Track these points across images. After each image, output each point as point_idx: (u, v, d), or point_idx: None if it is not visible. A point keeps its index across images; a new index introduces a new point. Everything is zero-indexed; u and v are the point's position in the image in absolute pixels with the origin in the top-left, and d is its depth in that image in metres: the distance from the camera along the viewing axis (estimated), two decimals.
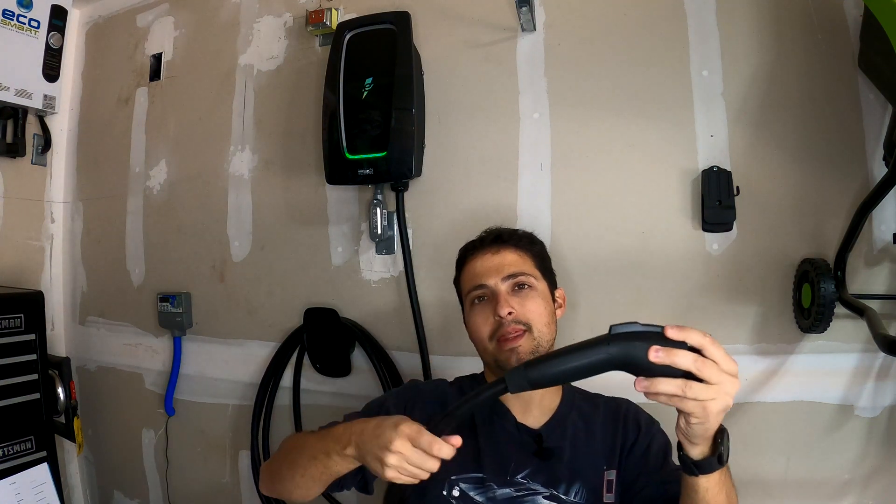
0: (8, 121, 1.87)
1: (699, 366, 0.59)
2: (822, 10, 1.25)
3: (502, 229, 1.06)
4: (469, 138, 1.48)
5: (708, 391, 0.59)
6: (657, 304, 1.32)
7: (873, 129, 1.21)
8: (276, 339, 1.70)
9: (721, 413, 0.61)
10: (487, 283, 0.97)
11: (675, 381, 0.59)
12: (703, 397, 0.59)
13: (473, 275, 1.00)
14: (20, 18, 1.77)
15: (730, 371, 0.60)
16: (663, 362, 0.59)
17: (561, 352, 0.66)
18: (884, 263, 1.21)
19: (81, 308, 2.08)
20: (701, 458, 0.67)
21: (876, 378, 1.21)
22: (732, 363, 0.60)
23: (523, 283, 0.97)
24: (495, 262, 0.99)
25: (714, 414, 0.61)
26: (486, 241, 1.04)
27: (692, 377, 0.59)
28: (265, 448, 1.69)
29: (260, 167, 1.74)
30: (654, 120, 1.34)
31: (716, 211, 1.27)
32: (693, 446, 0.66)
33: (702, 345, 0.60)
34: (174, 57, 1.92)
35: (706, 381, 0.59)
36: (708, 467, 0.67)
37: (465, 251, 1.07)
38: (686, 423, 0.64)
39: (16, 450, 1.43)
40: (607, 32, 1.39)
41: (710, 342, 0.60)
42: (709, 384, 0.59)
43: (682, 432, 0.66)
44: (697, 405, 0.60)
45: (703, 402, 0.59)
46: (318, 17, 1.59)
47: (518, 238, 1.04)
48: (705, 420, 0.61)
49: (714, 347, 0.60)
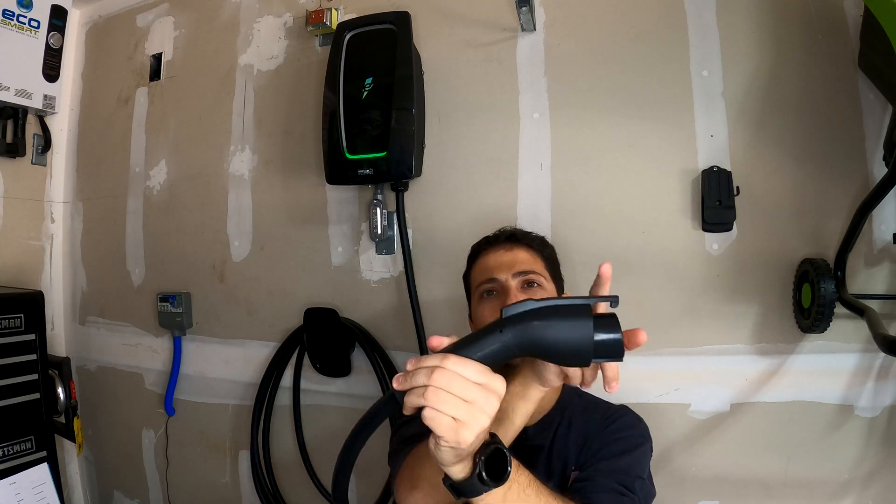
0: (8, 121, 1.87)
1: (435, 378, 0.54)
2: (822, 10, 1.25)
3: (517, 229, 1.09)
4: (469, 138, 1.48)
5: (456, 407, 0.54)
6: (657, 305, 1.32)
7: (873, 129, 1.21)
8: (276, 339, 1.70)
9: (466, 432, 0.55)
10: (498, 278, 0.98)
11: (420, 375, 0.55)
12: (447, 411, 0.54)
13: (485, 269, 1.02)
14: (20, 18, 1.77)
15: (478, 382, 0.55)
16: (403, 388, 0.56)
17: (464, 342, 0.59)
18: (884, 263, 1.21)
19: (81, 308, 2.08)
20: (462, 477, 0.60)
21: (876, 378, 1.21)
22: (481, 376, 0.55)
23: (533, 282, 0.98)
24: (507, 259, 1.00)
25: (458, 433, 0.55)
26: (500, 238, 1.06)
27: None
28: (265, 448, 1.69)
29: (260, 167, 1.74)
30: (654, 120, 1.34)
31: (716, 211, 1.27)
32: (448, 467, 0.60)
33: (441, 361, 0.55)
34: (174, 57, 1.92)
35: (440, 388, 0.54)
36: (471, 490, 0.60)
37: (478, 246, 1.09)
38: (435, 444, 0.57)
39: (16, 450, 1.42)
40: (607, 32, 1.39)
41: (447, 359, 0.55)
42: (458, 398, 0.54)
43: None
44: (442, 420, 0.54)
45: (443, 413, 0.54)
46: (318, 17, 1.59)
47: (531, 239, 1.06)
48: (446, 434, 0.55)
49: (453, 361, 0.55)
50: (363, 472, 1.55)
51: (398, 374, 0.58)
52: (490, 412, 0.56)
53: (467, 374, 0.55)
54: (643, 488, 0.86)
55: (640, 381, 1.31)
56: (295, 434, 1.66)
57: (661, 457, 1.30)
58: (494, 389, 0.56)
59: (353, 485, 1.61)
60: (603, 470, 0.85)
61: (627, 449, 0.89)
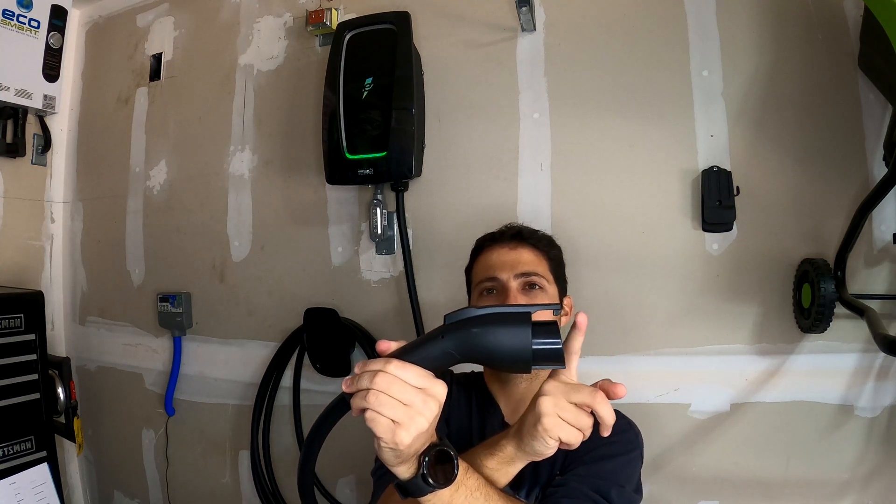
0: (8, 121, 1.87)
1: (377, 381, 0.56)
2: (822, 10, 1.25)
3: (523, 227, 1.06)
4: (469, 138, 1.48)
5: (394, 408, 0.55)
6: (657, 305, 1.32)
7: (873, 129, 1.21)
8: (276, 339, 1.69)
9: (403, 433, 0.56)
10: (499, 277, 0.97)
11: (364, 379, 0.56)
12: (386, 413, 0.55)
13: (487, 266, 1.01)
14: (20, 18, 1.77)
15: (418, 386, 0.56)
16: (350, 391, 0.58)
17: (408, 347, 0.60)
18: (884, 263, 1.21)
19: (81, 308, 2.08)
20: (407, 477, 0.61)
21: (876, 378, 1.21)
22: (421, 380, 0.57)
23: (534, 284, 0.97)
24: (511, 258, 0.99)
25: (394, 433, 0.56)
26: (505, 235, 1.04)
27: None
28: (265, 448, 1.69)
29: (260, 167, 1.74)
30: (654, 120, 1.34)
31: (716, 211, 1.27)
32: (393, 467, 0.61)
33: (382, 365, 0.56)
34: (174, 57, 1.92)
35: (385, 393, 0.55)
36: (416, 489, 0.62)
37: (482, 241, 1.07)
38: (377, 445, 0.58)
39: (16, 450, 1.42)
40: (607, 32, 1.39)
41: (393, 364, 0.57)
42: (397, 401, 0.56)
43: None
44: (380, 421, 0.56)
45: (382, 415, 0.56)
46: (318, 17, 1.59)
47: (538, 239, 1.03)
48: (384, 435, 0.56)
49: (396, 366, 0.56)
50: (365, 479, 1.55)
51: (346, 378, 0.59)
52: (428, 415, 0.57)
53: (407, 377, 0.56)
54: (622, 497, 0.81)
55: (640, 381, 1.31)
56: (295, 434, 1.66)
57: (661, 457, 1.30)
58: (434, 394, 0.57)
59: (354, 486, 1.61)
60: (579, 474, 0.83)
61: (611, 454, 0.85)
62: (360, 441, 0.64)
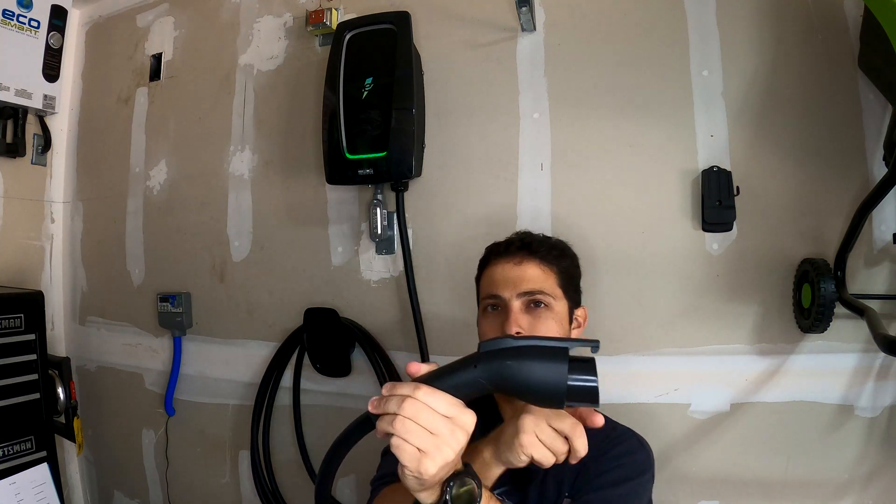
0: (8, 121, 1.87)
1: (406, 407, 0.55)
2: (822, 10, 1.25)
3: (533, 236, 1.01)
4: (469, 138, 1.48)
5: (420, 436, 0.55)
6: (657, 305, 1.32)
7: (873, 129, 1.21)
8: (276, 339, 1.69)
9: (429, 462, 0.55)
10: (502, 295, 0.94)
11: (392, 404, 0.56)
12: (413, 441, 0.55)
13: (491, 282, 0.97)
14: (20, 18, 1.77)
15: (446, 415, 0.56)
16: (376, 412, 0.57)
17: (439, 373, 0.60)
18: (884, 263, 1.21)
19: (81, 308, 2.08)
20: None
21: (876, 378, 1.21)
22: (450, 409, 0.56)
23: (539, 302, 0.93)
24: (515, 275, 0.95)
25: (422, 463, 0.55)
26: (511, 248, 0.99)
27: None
28: (265, 448, 1.69)
29: (260, 167, 1.74)
30: (654, 120, 1.34)
31: (716, 211, 1.27)
32: (416, 493, 0.60)
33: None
34: (174, 57, 1.92)
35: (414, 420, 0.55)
36: None
37: (489, 252, 1.03)
38: (401, 471, 0.58)
39: (16, 450, 1.42)
40: (607, 32, 1.39)
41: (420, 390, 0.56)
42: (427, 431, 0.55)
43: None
44: (404, 448, 0.55)
45: (410, 443, 0.55)
46: (318, 17, 1.59)
47: (547, 249, 0.99)
48: (409, 464, 0.56)
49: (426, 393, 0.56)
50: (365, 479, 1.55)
51: (374, 398, 0.59)
52: (455, 446, 0.56)
53: (436, 406, 0.56)
54: None
55: (640, 381, 1.31)
56: (295, 434, 1.66)
57: (661, 457, 1.29)
58: (462, 424, 0.57)
59: (355, 489, 1.61)
60: (592, 501, 0.81)
61: (625, 478, 0.84)
62: (361, 442, 0.63)
